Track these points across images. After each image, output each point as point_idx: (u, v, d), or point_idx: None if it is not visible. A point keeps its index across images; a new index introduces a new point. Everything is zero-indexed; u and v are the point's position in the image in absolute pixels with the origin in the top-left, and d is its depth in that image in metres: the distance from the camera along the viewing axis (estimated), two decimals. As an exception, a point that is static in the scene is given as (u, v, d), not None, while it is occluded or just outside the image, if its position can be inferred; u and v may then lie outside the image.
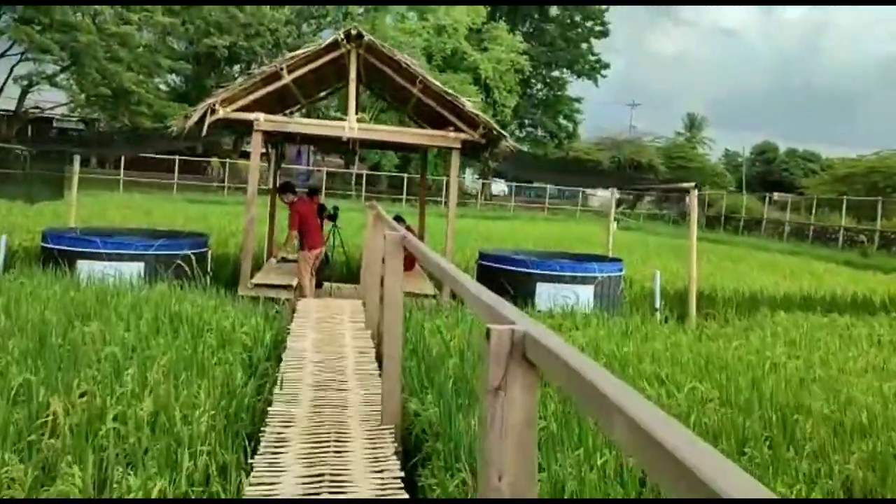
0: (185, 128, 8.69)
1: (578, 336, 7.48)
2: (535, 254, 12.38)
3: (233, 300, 8.69)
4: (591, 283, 10.28)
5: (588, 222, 40.00)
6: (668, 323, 9.72)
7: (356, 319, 7.11)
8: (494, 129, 9.00)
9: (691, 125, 70.73)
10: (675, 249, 22.00)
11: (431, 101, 9.30)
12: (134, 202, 25.27)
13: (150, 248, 9.78)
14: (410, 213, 31.48)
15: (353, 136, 9.29)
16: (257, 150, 9.21)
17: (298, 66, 9.09)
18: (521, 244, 18.65)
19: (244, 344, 5.89)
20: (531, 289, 10.18)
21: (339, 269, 13.29)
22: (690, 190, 9.66)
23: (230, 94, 8.86)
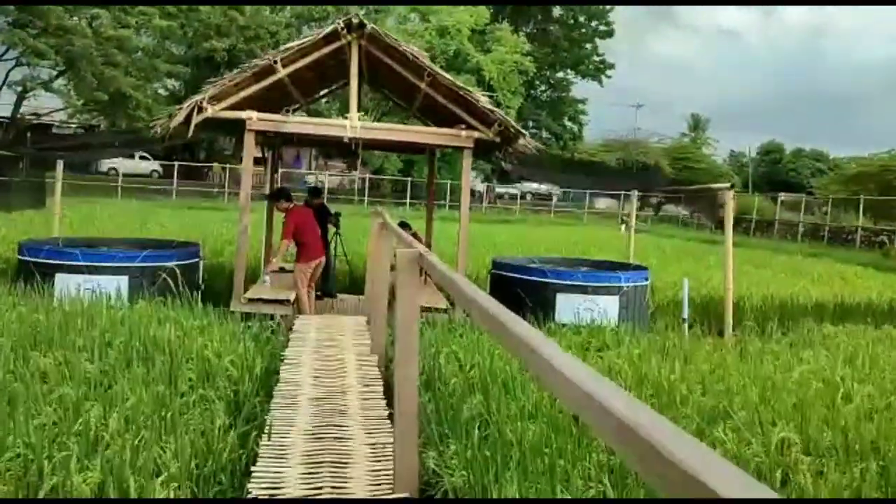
0: (170, 128, 7.86)
1: (612, 356, 6.63)
2: (551, 261, 11.52)
3: (224, 318, 7.87)
4: (615, 294, 9.44)
5: (596, 225, 39.12)
6: (700, 336, 8.87)
7: (360, 340, 6.27)
8: (511, 126, 8.17)
9: (695, 126, 69.98)
10: (692, 253, 21.12)
11: (441, 97, 8.46)
12: (130, 209, 24.49)
13: (134, 260, 8.96)
14: (413, 217, 30.70)
15: (356, 136, 8.45)
16: (250, 153, 8.38)
17: (294, 59, 8.27)
18: (533, 250, 17.80)
19: (230, 376, 5.04)
20: (550, 300, 9.34)
21: (342, 279, 12.47)
22: (726, 192, 8.81)
23: (219, 91, 8.03)
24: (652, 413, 1.10)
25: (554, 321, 9.18)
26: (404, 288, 3.03)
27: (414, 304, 3.09)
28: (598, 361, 6.38)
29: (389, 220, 5.87)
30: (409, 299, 3.02)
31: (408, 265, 3.03)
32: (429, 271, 3.02)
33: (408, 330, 3.04)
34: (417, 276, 3.12)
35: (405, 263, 3.03)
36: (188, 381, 4.78)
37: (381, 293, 5.68)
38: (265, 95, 9.17)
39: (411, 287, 3.05)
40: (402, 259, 3.04)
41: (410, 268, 3.04)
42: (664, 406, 4.95)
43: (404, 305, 3.02)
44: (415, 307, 3.10)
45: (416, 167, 42.88)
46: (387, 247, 5.60)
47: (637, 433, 1.02)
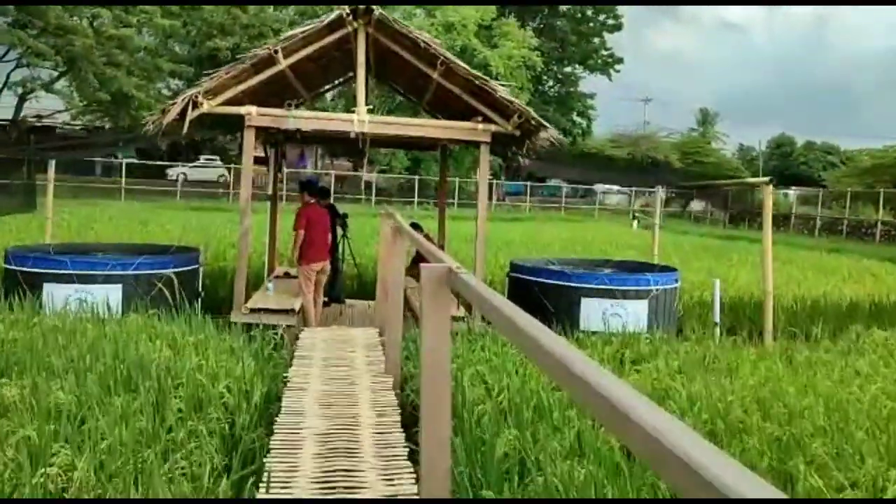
0: (163, 124, 7.24)
1: (651, 371, 5.98)
2: (571, 262, 10.86)
3: (224, 329, 7.27)
4: (644, 298, 8.78)
5: (607, 222, 38.43)
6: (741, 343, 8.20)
7: (373, 358, 5.64)
8: (533, 118, 7.51)
9: (704, 120, 69.16)
10: (711, 249, 20.40)
11: (455, 88, 7.82)
12: (131, 211, 23.94)
13: (128, 268, 8.36)
14: (422, 217, 30.08)
15: (364, 131, 7.81)
16: (249, 150, 7.75)
17: (296, 48, 7.64)
18: (547, 249, 17.13)
19: (225, 404, 4.42)
20: (574, 305, 8.70)
21: (350, 283, 11.87)
22: (764, 186, 8.13)
23: (215, 85, 7.41)
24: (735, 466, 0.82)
25: (579, 328, 8.56)
26: (432, 316, 2.35)
27: (445, 338, 2.43)
28: (636, 378, 5.73)
29: (403, 222, 5.23)
30: (438, 332, 2.35)
31: (436, 286, 2.38)
32: (463, 293, 2.38)
33: (436, 375, 2.36)
34: (448, 300, 2.47)
35: (433, 284, 2.39)
36: (177, 411, 4.15)
37: (395, 305, 5.05)
38: (266, 89, 8.55)
39: (440, 315, 2.39)
40: (429, 278, 2.39)
41: (439, 290, 2.39)
42: (724, 434, 4.31)
43: (432, 341, 2.35)
44: (445, 342, 2.45)
45: (422, 165, 42.25)
46: (400, 253, 4.97)
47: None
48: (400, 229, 4.87)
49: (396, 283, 4.94)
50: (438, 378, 2.39)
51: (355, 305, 10.71)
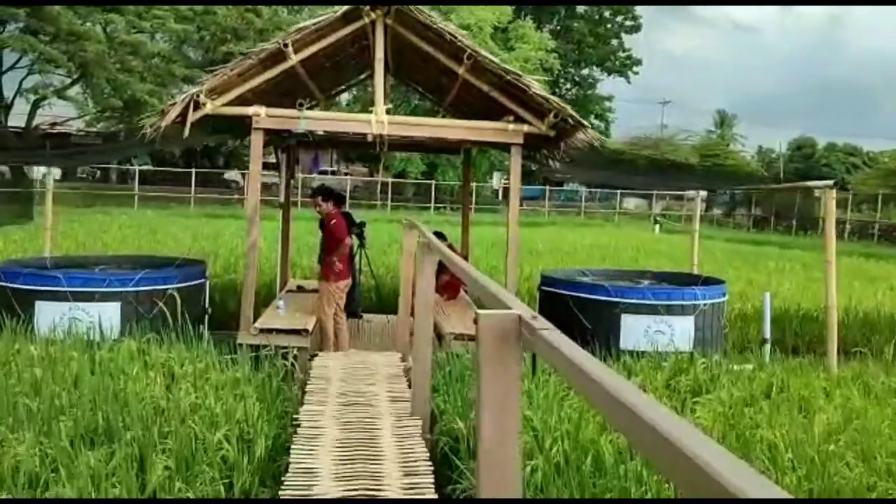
0: (162, 127, 6.55)
1: (715, 406, 5.19)
2: (607, 273, 10.07)
3: (230, 353, 6.57)
4: (690, 314, 7.99)
5: (628, 226, 37.53)
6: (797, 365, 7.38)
7: (396, 393, 4.90)
8: (571, 116, 6.74)
9: (721, 122, 68.11)
10: (743, 256, 19.48)
11: (483, 84, 7.08)
12: (143, 220, 23.37)
13: (127, 284, 7.68)
14: (439, 223, 29.34)
15: (382, 133, 7.08)
16: (257, 155, 7.05)
17: (308, 42, 6.94)
18: (573, 257, 16.33)
19: (224, 458, 3.69)
20: (614, 322, 7.92)
21: (368, 295, 11.15)
22: (827, 190, 7.32)
23: (220, 83, 6.71)
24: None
25: (619, 348, 7.78)
26: (494, 386, 1.62)
27: (513, 422, 1.67)
28: (701, 414, 4.95)
29: (431, 235, 4.50)
30: (503, 413, 1.59)
31: (500, 342, 1.65)
32: (543, 354, 1.63)
33: (503, 477, 1.60)
34: (518, 362, 1.71)
35: (496, 339, 1.64)
36: (163, 469, 3.44)
37: (423, 334, 4.30)
38: (276, 89, 7.85)
39: (506, 384, 1.65)
40: (491, 330, 1.65)
41: (505, 348, 1.65)
42: (827, 493, 3.52)
43: (496, 426, 1.60)
44: (514, 426, 1.69)
45: (439, 170, 41.56)
46: (430, 273, 4.24)
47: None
48: (430, 244, 4.14)
49: (425, 307, 4.20)
50: (506, 479, 1.63)
51: (373, 320, 10.01)
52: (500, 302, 1.93)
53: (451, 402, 4.91)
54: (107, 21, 32.85)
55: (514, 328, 1.70)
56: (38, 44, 29.14)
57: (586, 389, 1.43)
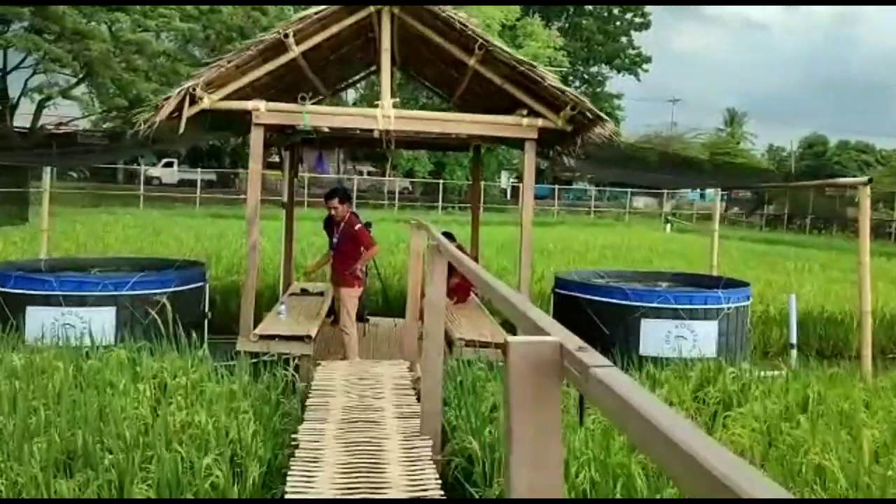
0: (155, 124, 6.18)
1: (749, 421, 4.79)
2: (623, 275, 9.66)
3: (229, 359, 6.22)
4: (714, 318, 7.59)
5: (638, 225, 37.06)
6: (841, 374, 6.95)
7: (405, 408, 4.53)
8: (589, 109, 6.34)
9: (731, 120, 67.53)
10: (758, 255, 18.99)
11: (495, 77, 6.69)
12: (147, 220, 23.09)
13: (123, 287, 7.33)
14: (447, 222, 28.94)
15: (389, 129, 6.70)
16: (257, 152, 6.68)
17: (311, 33, 6.56)
18: (585, 258, 15.91)
19: (214, 484, 3.32)
20: (633, 327, 7.54)
21: (374, 298, 10.78)
22: (861, 187, 6.90)
23: (217, 76, 6.35)
24: None
25: (638, 353, 7.39)
26: (527, 429, 1.25)
27: (556, 472, 1.30)
28: (737, 431, 4.55)
29: (441, 237, 4.12)
30: (542, 459, 1.24)
31: (537, 376, 1.27)
32: (608, 404, 1.24)
33: None
34: (557, 400, 1.34)
35: (530, 375, 1.27)
36: (144, 500, 3.07)
37: (434, 344, 3.92)
38: (277, 83, 7.50)
39: (545, 425, 1.29)
40: (524, 363, 1.28)
41: (544, 384, 1.28)
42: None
43: (534, 474, 1.23)
44: (557, 474, 1.31)
45: (446, 169, 41.17)
46: (441, 279, 3.85)
47: None
48: (440, 248, 3.75)
49: (436, 316, 3.82)
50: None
51: (380, 324, 9.64)
52: (530, 322, 1.54)
53: (464, 418, 4.53)
54: (112, 20, 32.62)
55: (554, 360, 1.32)
56: (42, 43, 28.93)
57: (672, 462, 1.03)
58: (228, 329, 8.04)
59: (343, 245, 7.13)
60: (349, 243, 7.08)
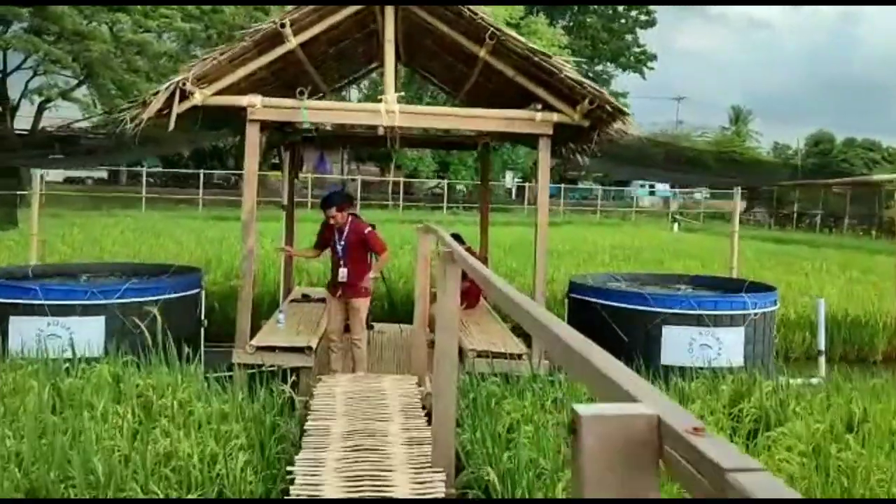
0: (142, 123, 5.75)
1: (793, 443, 4.34)
2: (639, 277, 9.21)
3: (224, 372, 5.81)
4: (740, 324, 7.13)
5: (646, 224, 36.56)
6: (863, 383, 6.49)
7: (414, 433, 4.10)
8: (609, 102, 5.89)
9: (736, 119, 67.02)
10: (776, 256, 18.47)
11: (507, 68, 6.25)
12: (147, 223, 22.71)
13: (113, 295, 6.90)
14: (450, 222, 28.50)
15: (394, 125, 6.27)
16: (254, 151, 6.25)
17: (309, 23, 6.13)
18: (595, 259, 15.46)
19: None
20: (654, 334, 7.09)
21: (379, 304, 10.35)
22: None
23: (208, 69, 5.92)
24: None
25: (660, 363, 6.95)
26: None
27: None
28: (782, 457, 4.10)
29: (452, 242, 3.68)
30: None
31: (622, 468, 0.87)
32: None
33: None
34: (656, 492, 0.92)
35: (614, 463, 0.87)
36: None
37: (447, 363, 3.48)
38: (274, 78, 7.07)
39: None
40: (606, 446, 0.87)
41: (632, 479, 0.87)
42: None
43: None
44: None
45: (451, 169, 40.74)
46: (454, 289, 3.42)
47: None
48: (454, 256, 3.32)
49: (449, 333, 3.38)
50: None
51: (386, 331, 9.21)
52: (597, 372, 1.10)
53: (479, 442, 4.09)
54: (113, 21, 32.29)
55: (650, 443, 0.87)
56: (41, 44, 28.58)
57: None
58: (228, 336, 7.62)
59: (353, 252, 6.49)
60: (359, 250, 6.52)
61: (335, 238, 6.52)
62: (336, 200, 6.58)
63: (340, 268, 6.41)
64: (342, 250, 6.48)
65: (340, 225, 6.51)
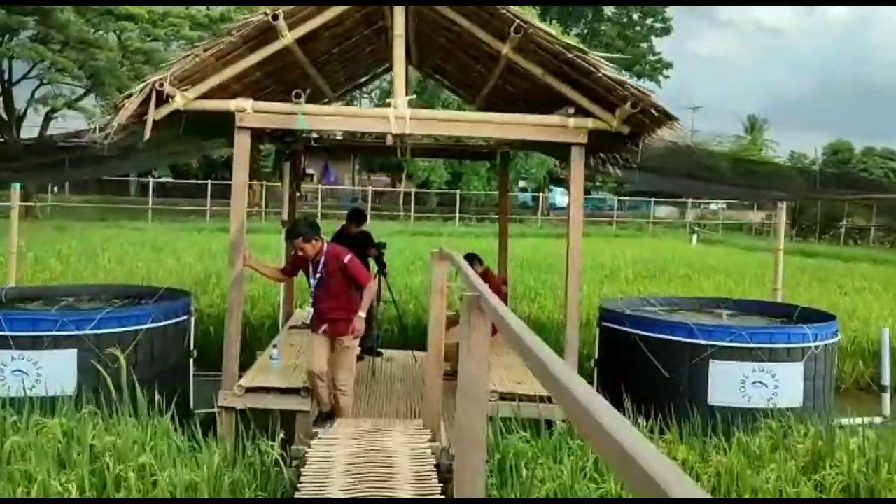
0: (114, 128, 4.96)
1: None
2: (674, 302, 8.32)
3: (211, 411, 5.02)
4: (798, 359, 6.24)
5: (664, 237, 35.50)
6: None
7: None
8: (654, 106, 5.04)
9: (752, 127, 66.02)
10: (808, 271, 17.46)
11: (534, 67, 5.42)
12: (154, 235, 21.98)
13: (85, 326, 6.09)
14: (462, 233, 27.61)
15: (404, 132, 5.44)
16: (243, 160, 5.44)
17: (306, 16, 5.33)
18: (618, 276, 14.57)
19: None
20: (699, 370, 6.21)
21: (389, 328, 9.53)
22: None
23: (191, 68, 5.12)
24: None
25: (707, 404, 6.09)
26: None
27: None
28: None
29: (476, 279, 2.84)
30: None
31: None
32: None
33: None
34: None
35: None
36: None
37: (472, 444, 2.62)
38: (270, 80, 6.29)
39: None
40: None
41: None
42: None
43: None
44: None
45: (463, 179, 39.93)
46: (481, 342, 2.58)
47: None
48: (481, 302, 2.48)
49: (476, 406, 2.54)
50: None
51: (394, 358, 8.38)
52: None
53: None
54: (120, 29, 31.85)
55: None
56: (47, 52, 28.11)
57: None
58: (214, 369, 6.83)
59: (334, 284, 5.47)
60: (341, 280, 5.48)
61: (310, 270, 5.59)
62: (303, 230, 5.54)
63: (319, 303, 5.50)
64: (318, 284, 5.52)
65: (312, 257, 5.54)
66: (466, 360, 2.47)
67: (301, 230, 5.52)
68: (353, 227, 8.08)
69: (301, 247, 5.47)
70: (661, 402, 6.09)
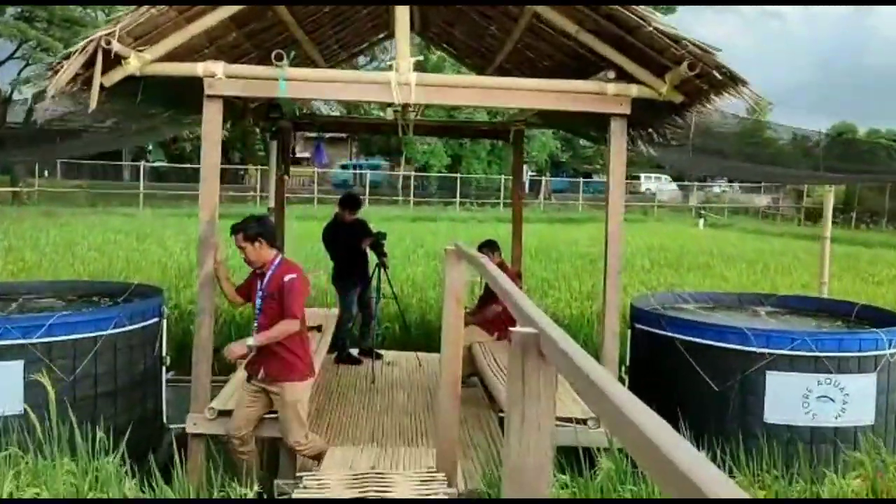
0: (50, 97, 4.01)
1: None
2: (712, 298, 7.40)
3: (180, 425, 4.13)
4: (870, 370, 5.34)
5: (670, 221, 34.50)
6: None
7: None
8: (720, 68, 4.05)
9: (754, 110, 64.89)
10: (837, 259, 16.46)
11: (567, 21, 4.45)
12: (142, 221, 21.04)
13: (33, 333, 5.16)
14: (464, 218, 26.63)
15: (408, 102, 4.48)
16: (214, 137, 4.48)
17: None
18: (633, 263, 13.60)
19: None
20: (754, 383, 5.31)
21: (389, 326, 8.65)
22: None
23: (146, 22, 4.14)
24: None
25: (763, 421, 5.21)
26: None
27: None
28: None
29: (534, 311, 1.91)
30: None
31: None
32: None
33: None
34: None
35: None
36: None
37: None
38: (248, 43, 5.33)
39: None
40: None
41: None
42: None
43: None
44: None
45: (463, 163, 38.88)
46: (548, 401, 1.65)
47: None
48: (541, 341, 1.57)
49: (538, 488, 1.62)
50: None
51: (395, 362, 7.51)
52: None
53: None
54: (108, 8, 30.76)
55: None
56: (30, 30, 27.09)
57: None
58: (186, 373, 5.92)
59: (270, 309, 4.41)
60: (279, 305, 4.38)
61: (258, 284, 4.52)
62: (247, 226, 4.47)
63: (255, 333, 4.41)
64: (260, 305, 4.47)
65: (257, 265, 4.50)
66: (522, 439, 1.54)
67: (245, 225, 4.44)
68: (348, 215, 7.18)
69: (240, 246, 4.41)
70: (706, 419, 5.22)
